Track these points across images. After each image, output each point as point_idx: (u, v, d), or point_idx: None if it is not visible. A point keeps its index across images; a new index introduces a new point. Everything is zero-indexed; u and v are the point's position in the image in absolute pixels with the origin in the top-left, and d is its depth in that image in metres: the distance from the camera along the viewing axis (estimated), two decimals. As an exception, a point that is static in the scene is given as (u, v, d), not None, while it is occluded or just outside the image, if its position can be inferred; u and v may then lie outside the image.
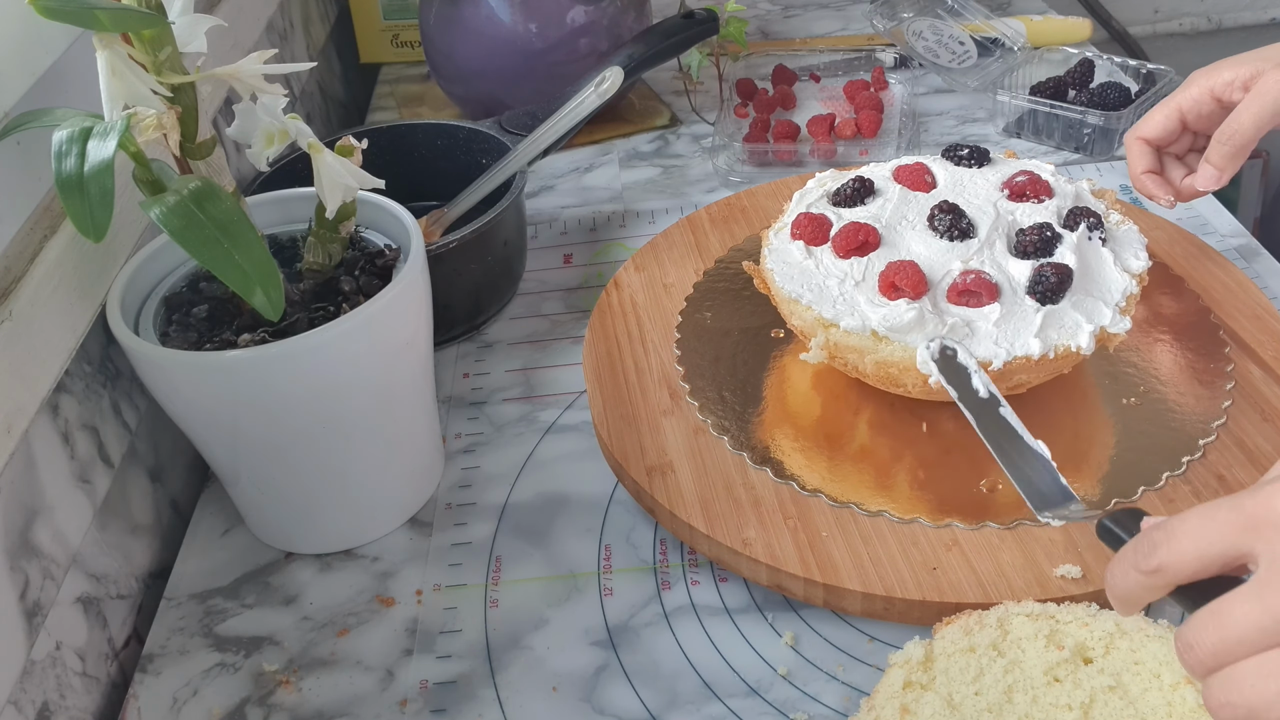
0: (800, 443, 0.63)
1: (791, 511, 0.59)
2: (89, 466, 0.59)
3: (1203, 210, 0.86)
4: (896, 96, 1.02)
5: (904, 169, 0.68)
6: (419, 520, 0.65)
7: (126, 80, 0.48)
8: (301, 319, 0.57)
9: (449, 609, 0.60)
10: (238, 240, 0.49)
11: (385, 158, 0.69)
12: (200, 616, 0.61)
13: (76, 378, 0.59)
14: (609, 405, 0.66)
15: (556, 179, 0.98)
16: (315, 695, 0.56)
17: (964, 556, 0.56)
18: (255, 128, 0.55)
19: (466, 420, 0.72)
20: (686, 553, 0.62)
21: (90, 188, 0.47)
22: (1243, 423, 0.62)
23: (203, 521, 0.67)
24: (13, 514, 0.52)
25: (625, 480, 0.63)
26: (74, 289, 0.56)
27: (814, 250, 0.64)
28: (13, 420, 0.50)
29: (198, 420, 0.58)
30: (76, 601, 0.58)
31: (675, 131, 1.04)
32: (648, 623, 0.58)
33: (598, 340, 0.72)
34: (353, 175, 0.57)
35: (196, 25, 0.52)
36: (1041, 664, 0.49)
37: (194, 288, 0.61)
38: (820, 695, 0.53)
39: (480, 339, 0.79)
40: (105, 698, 0.59)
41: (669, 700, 0.54)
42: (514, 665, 0.56)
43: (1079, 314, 0.59)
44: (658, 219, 0.91)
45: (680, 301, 0.75)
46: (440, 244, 0.73)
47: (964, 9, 1.09)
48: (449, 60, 1.02)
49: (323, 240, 0.60)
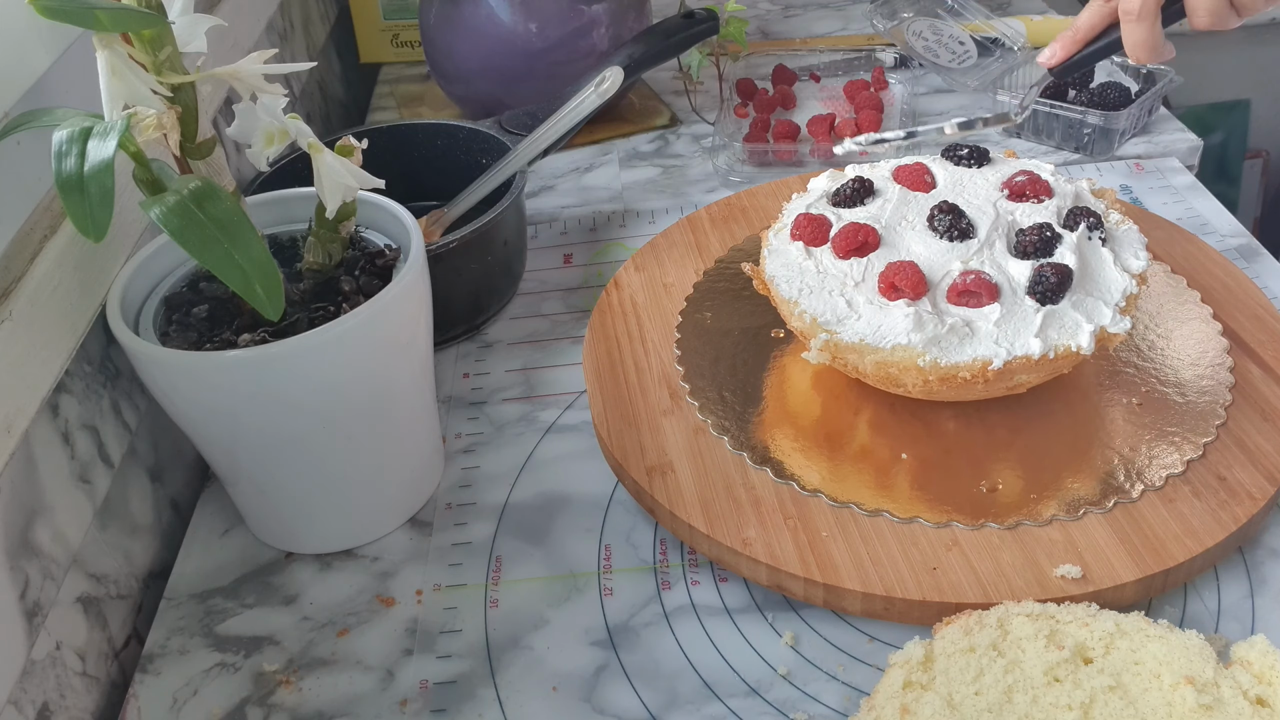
0: (800, 443, 0.63)
1: (791, 511, 0.59)
2: (89, 466, 0.59)
3: (1203, 210, 0.86)
4: (896, 96, 1.02)
5: (904, 169, 0.68)
6: (419, 520, 0.65)
7: (126, 80, 0.48)
8: (301, 319, 0.57)
9: (449, 609, 0.60)
10: (238, 240, 0.49)
11: (385, 158, 0.69)
12: (200, 616, 0.61)
13: (76, 378, 0.59)
14: (609, 405, 0.66)
15: (556, 179, 0.98)
16: (315, 695, 0.56)
17: (964, 556, 0.56)
18: (255, 128, 0.55)
19: (466, 420, 0.72)
20: (686, 553, 0.62)
21: (90, 188, 0.47)
22: (1243, 423, 0.62)
23: (203, 521, 0.67)
24: (13, 514, 0.52)
25: (625, 480, 0.63)
26: (74, 289, 0.56)
27: (814, 251, 0.64)
28: (13, 420, 0.50)
29: (198, 420, 0.58)
30: (76, 601, 0.58)
31: (675, 131, 1.04)
32: (648, 623, 0.58)
33: (598, 340, 0.72)
34: (353, 175, 0.57)
35: (196, 25, 0.52)
36: (1041, 664, 0.49)
37: (194, 288, 0.61)
38: (820, 695, 0.53)
39: (480, 339, 0.79)
40: (105, 698, 0.59)
41: (669, 700, 0.54)
42: (514, 665, 0.56)
43: (1079, 314, 0.59)
44: (658, 219, 0.91)
45: (680, 301, 0.75)
46: (440, 244, 0.73)
47: (964, 9, 1.09)
48: (449, 60, 1.02)
49: (323, 240, 0.60)
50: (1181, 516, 0.57)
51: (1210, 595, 0.57)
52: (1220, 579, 0.57)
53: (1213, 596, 0.57)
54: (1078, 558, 0.55)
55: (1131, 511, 0.57)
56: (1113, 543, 0.55)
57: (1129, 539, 0.56)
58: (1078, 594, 0.53)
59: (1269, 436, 0.61)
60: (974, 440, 0.62)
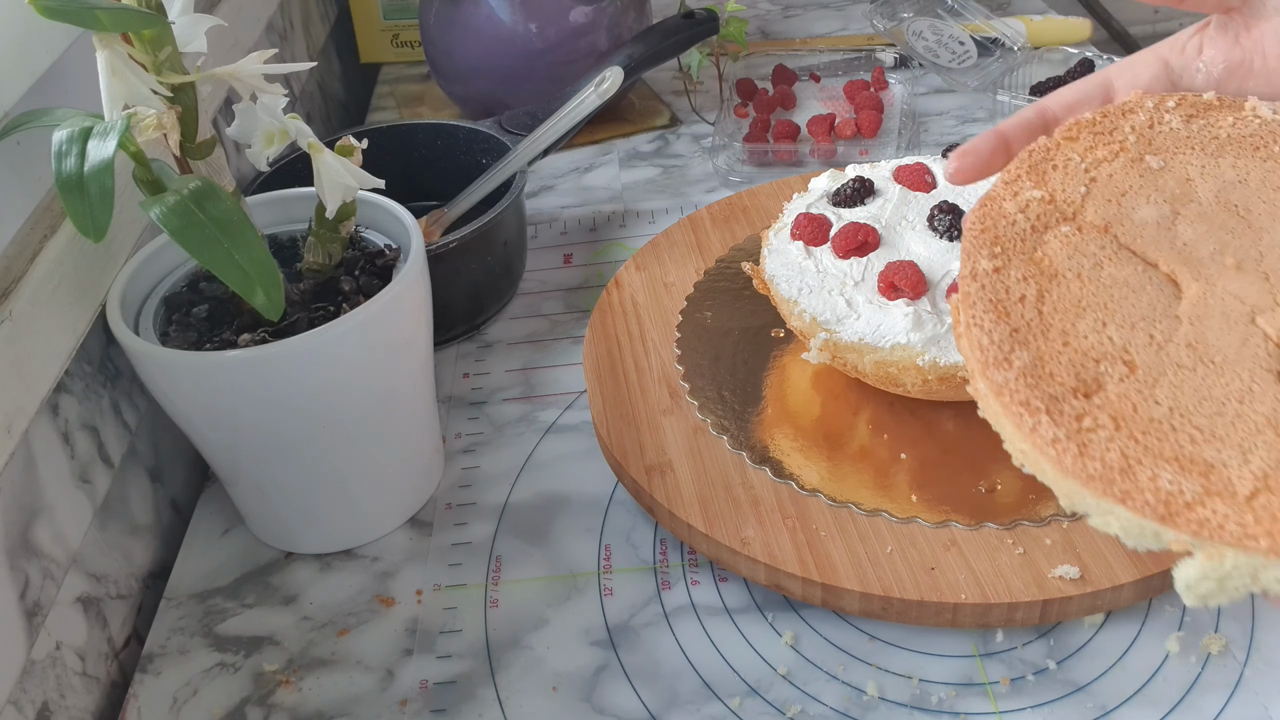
0: (799, 442, 0.63)
1: (790, 511, 0.59)
2: (89, 466, 0.59)
3: (1202, 210, 0.85)
4: (896, 96, 1.02)
5: (904, 169, 0.68)
6: (419, 520, 0.65)
7: (126, 80, 0.48)
8: (301, 319, 0.57)
9: (449, 609, 0.60)
10: (238, 240, 0.49)
11: (385, 158, 0.69)
12: (200, 616, 0.61)
13: (76, 378, 0.59)
14: (609, 405, 0.67)
15: (556, 179, 0.98)
16: (315, 695, 0.56)
17: (962, 557, 0.56)
18: (255, 128, 0.55)
19: (466, 420, 0.72)
20: (686, 552, 0.62)
21: (90, 188, 0.47)
22: (1242, 423, 0.62)
23: (203, 521, 0.67)
24: (13, 514, 0.52)
25: (624, 479, 0.63)
26: (74, 289, 0.57)
27: (814, 250, 0.64)
28: (13, 420, 0.50)
29: (198, 420, 0.58)
30: (76, 601, 0.58)
31: (675, 131, 1.04)
32: (648, 623, 0.58)
33: (598, 340, 0.72)
34: (353, 175, 0.57)
35: (196, 25, 0.52)
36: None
37: (194, 288, 0.61)
38: (820, 695, 0.54)
39: (480, 339, 0.79)
40: (105, 698, 0.59)
41: (669, 700, 0.54)
42: (514, 665, 0.56)
43: (1078, 314, 0.59)
44: (658, 219, 0.91)
45: (681, 301, 0.75)
46: (440, 244, 0.73)
47: (964, 9, 1.09)
48: (449, 60, 1.02)
49: (323, 240, 0.60)
50: (1181, 516, 0.56)
51: (1209, 595, 0.57)
52: (1219, 579, 0.57)
53: (1212, 596, 0.57)
54: (1076, 558, 0.55)
55: (1131, 511, 0.57)
56: (1111, 543, 0.55)
57: (1128, 539, 0.56)
58: (1076, 595, 0.53)
59: (1268, 436, 0.61)
60: (973, 440, 0.62)
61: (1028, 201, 0.41)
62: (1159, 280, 0.39)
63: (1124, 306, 0.38)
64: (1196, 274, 0.39)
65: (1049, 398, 0.36)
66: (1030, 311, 0.38)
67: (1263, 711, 0.51)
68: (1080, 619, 0.56)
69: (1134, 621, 0.56)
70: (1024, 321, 0.38)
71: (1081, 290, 0.39)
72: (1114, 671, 0.54)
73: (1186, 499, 0.34)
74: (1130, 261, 0.40)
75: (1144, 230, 0.40)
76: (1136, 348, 0.37)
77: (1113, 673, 0.54)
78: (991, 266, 0.40)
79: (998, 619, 0.54)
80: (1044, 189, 0.42)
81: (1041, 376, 0.37)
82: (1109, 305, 0.38)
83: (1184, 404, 0.36)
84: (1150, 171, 0.42)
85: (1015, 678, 0.54)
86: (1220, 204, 0.41)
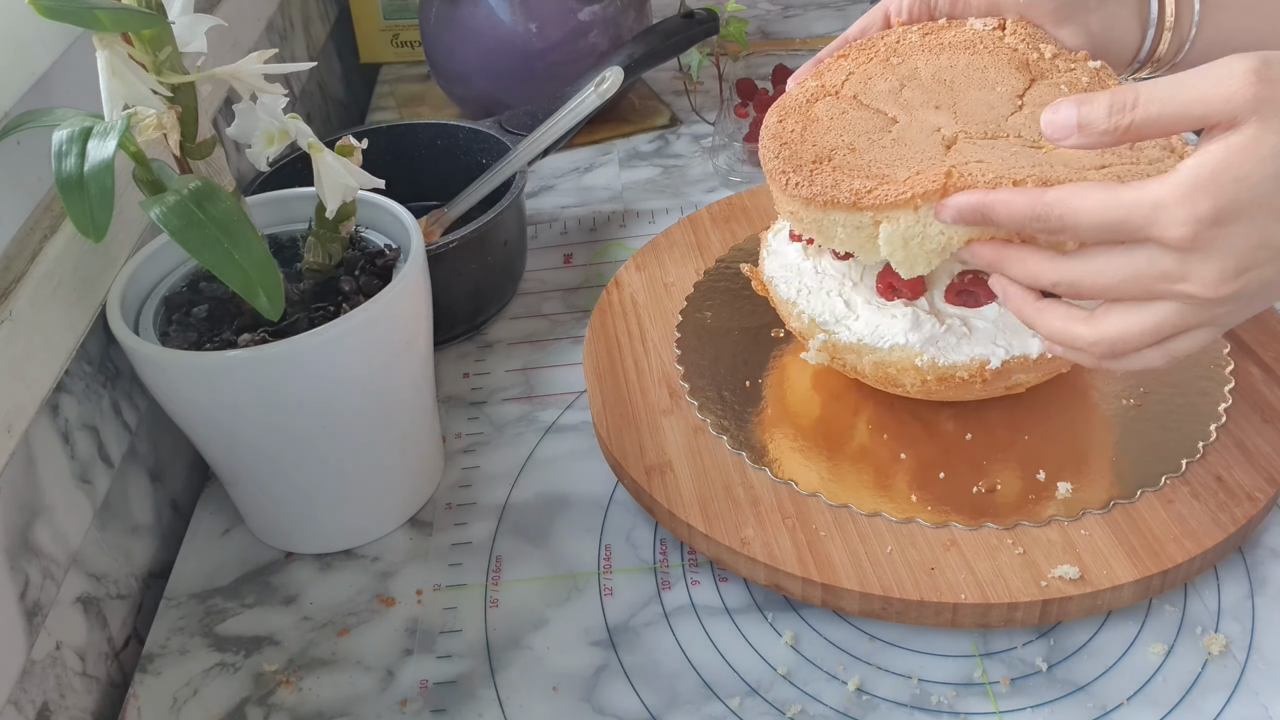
0: (799, 442, 0.63)
1: (790, 511, 0.59)
2: (89, 466, 0.60)
3: (1202, 210, 0.85)
4: (896, 96, 1.02)
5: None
6: (419, 520, 0.65)
7: (126, 80, 0.48)
8: (301, 319, 0.57)
9: (449, 609, 0.60)
10: (238, 240, 0.49)
11: (385, 158, 0.69)
12: (200, 616, 0.61)
13: (76, 378, 0.59)
14: (609, 405, 0.67)
15: (556, 179, 0.98)
16: (315, 695, 0.56)
17: (962, 557, 0.56)
18: (255, 128, 0.55)
19: (466, 420, 0.72)
20: (686, 552, 0.62)
21: (90, 187, 0.47)
22: (1242, 424, 0.62)
23: (203, 521, 0.67)
24: (13, 514, 0.52)
25: (624, 479, 0.63)
26: (74, 289, 0.57)
27: (812, 251, 0.64)
28: (13, 420, 0.50)
29: (198, 420, 0.58)
30: (76, 601, 0.58)
31: (675, 131, 1.04)
32: (648, 623, 0.58)
33: (598, 340, 0.72)
34: (353, 175, 0.57)
35: (196, 25, 0.52)
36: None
37: (194, 288, 0.61)
38: (820, 695, 0.54)
39: (480, 339, 0.79)
40: (105, 698, 0.59)
41: (669, 700, 0.54)
42: (514, 665, 0.56)
43: (1078, 314, 0.59)
44: (658, 219, 0.91)
45: (681, 301, 0.75)
46: (440, 244, 0.73)
47: (964, 9, 1.09)
48: (449, 60, 1.02)
49: (323, 240, 0.60)
50: (1180, 518, 0.57)
51: (1210, 595, 0.57)
52: (1220, 579, 0.57)
53: (1213, 596, 0.57)
54: (1076, 558, 0.55)
55: (1130, 512, 0.57)
56: (1111, 543, 0.55)
57: (1127, 540, 0.56)
58: (1075, 595, 0.53)
59: (1268, 438, 0.61)
60: (973, 440, 0.62)
61: (807, 88, 0.61)
62: (884, 119, 0.57)
63: (855, 127, 0.57)
64: (909, 114, 0.57)
65: (796, 166, 0.55)
66: (796, 136, 0.57)
67: (1263, 711, 0.51)
68: (1080, 619, 0.56)
69: (1134, 621, 0.56)
70: (790, 139, 0.57)
71: (831, 124, 0.57)
72: (1114, 671, 0.54)
73: (868, 189, 0.52)
74: (866, 110, 0.58)
75: (879, 96, 0.58)
76: (858, 142, 0.56)
77: (1113, 673, 0.54)
78: (776, 119, 0.59)
79: (997, 619, 0.54)
80: (818, 80, 0.61)
81: (794, 158, 0.56)
82: (846, 128, 0.57)
83: (881, 159, 0.54)
84: (891, 66, 0.60)
85: (1015, 677, 0.54)
86: (934, 80, 0.59)
